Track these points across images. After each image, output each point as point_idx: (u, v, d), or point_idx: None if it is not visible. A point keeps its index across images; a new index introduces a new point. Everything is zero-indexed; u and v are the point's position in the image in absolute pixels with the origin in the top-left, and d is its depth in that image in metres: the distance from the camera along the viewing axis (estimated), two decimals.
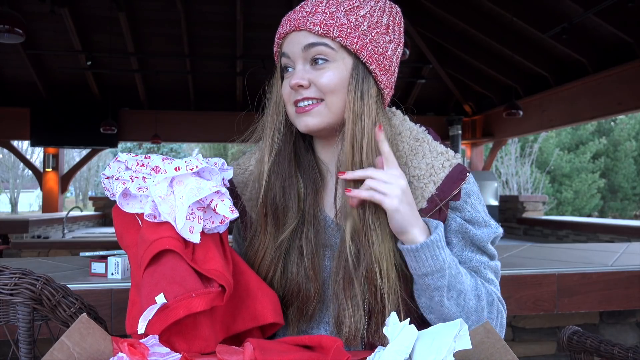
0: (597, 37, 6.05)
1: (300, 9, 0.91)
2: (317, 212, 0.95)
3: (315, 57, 0.88)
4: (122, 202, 0.82)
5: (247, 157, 1.06)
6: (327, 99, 0.89)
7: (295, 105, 0.91)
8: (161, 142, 9.50)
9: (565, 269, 1.79)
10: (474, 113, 9.46)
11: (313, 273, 0.91)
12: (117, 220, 0.87)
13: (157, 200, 0.78)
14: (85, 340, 0.68)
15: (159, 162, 0.83)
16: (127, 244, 0.84)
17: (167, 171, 0.80)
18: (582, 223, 6.45)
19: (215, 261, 0.80)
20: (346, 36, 0.88)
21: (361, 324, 0.87)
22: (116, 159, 0.87)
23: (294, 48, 0.89)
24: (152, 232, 0.78)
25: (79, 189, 28.10)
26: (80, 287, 1.47)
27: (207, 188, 0.80)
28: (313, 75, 0.89)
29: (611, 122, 17.87)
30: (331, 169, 0.98)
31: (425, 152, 0.94)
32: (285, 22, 0.92)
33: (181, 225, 0.78)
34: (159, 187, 0.79)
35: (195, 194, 0.79)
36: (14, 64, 8.18)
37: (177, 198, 0.79)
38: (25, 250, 5.28)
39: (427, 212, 0.89)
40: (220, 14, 7.77)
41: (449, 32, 7.74)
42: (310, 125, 0.90)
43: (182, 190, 0.80)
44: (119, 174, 0.83)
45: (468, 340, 0.63)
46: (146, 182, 0.81)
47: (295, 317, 0.92)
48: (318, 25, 0.87)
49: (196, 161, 0.82)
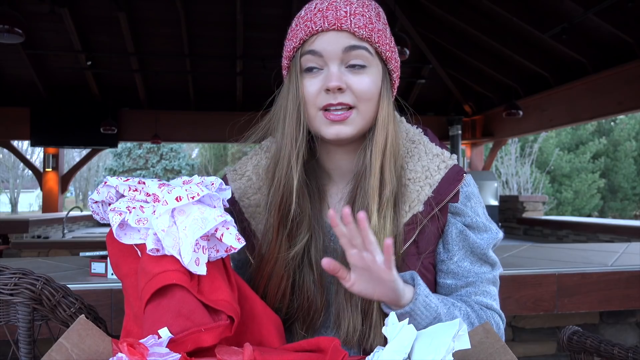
0: (597, 37, 6.05)
1: (333, 7, 0.85)
2: (320, 220, 0.93)
3: (353, 60, 0.85)
4: (120, 234, 0.78)
5: (244, 163, 1.02)
6: (360, 106, 0.86)
7: (325, 109, 0.85)
8: (161, 142, 9.50)
9: (565, 269, 1.79)
10: (474, 113, 9.46)
11: (320, 284, 0.89)
12: (112, 249, 0.83)
13: (160, 235, 0.73)
14: (84, 341, 0.68)
15: (156, 190, 0.78)
16: (125, 272, 0.80)
17: (168, 202, 0.75)
18: (582, 223, 6.45)
19: (222, 291, 0.76)
20: (383, 43, 0.87)
21: (358, 327, 0.86)
22: (105, 184, 0.82)
23: (331, 47, 0.84)
24: (155, 263, 0.74)
25: (79, 189, 28.10)
26: (80, 287, 1.47)
27: (212, 219, 0.75)
28: (351, 79, 0.85)
29: (611, 122, 17.87)
30: (334, 175, 0.96)
31: (421, 154, 0.93)
32: (317, 19, 0.85)
33: (187, 259, 0.73)
34: (160, 219, 0.74)
35: (201, 226, 0.74)
36: (14, 64, 8.18)
37: (180, 229, 0.74)
38: (25, 250, 5.28)
39: (424, 215, 0.88)
40: (220, 14, 7.76)
41: (449, 32, 7.74)
42: (342, 135, 0.86)
43: (185, 220, 0.75)
44: (117, 205, 0.78)
45: (467, 340, 0.63)
46: (144, 212, 0.77)
47: (302, 328, 0.91)
48: (362, 28, 0.84)
49: (196, 188, 0.78)
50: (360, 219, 0.71)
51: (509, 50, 7.02)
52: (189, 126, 9.22)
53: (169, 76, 8.81)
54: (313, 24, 0.85)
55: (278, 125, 0.90)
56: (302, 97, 0.87)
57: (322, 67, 0.86)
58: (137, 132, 9.21)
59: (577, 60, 6.48)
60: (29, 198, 27.72)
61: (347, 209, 0.72)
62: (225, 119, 9.04)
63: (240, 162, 1.03)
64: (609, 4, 5.12)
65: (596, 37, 6.06)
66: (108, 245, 0.83)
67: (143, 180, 0.80)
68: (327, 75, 0.85)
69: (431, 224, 0.90)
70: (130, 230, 0.78)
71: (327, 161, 0.95)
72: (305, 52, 0.86)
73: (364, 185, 0.87)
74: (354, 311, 0.86)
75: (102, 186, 0.83)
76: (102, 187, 0.83)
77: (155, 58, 8.49)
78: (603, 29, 5.73)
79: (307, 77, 0.87)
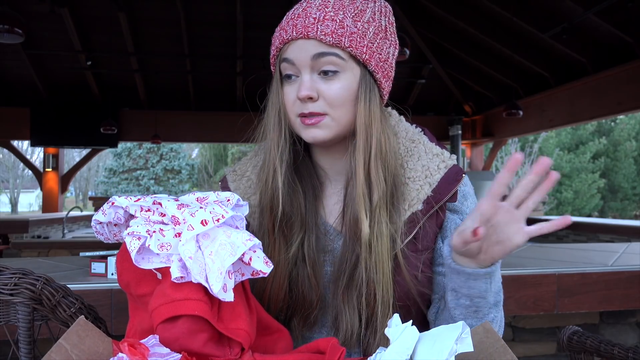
0: (597, 37, 6.05)
1: (304, 13, 0.85)
2: (317, 219, 0.94)
3: (324, 67, 0.85)
4: (138, 259, 0.71)
5: (243, 163, 1.03)
6: (333, 113, 0.86)
7: (300, 117, 0.87)
8: (161, 142, 9.51)
9: (565, 269, 1.79)
10: (474, 113, 9.46)
11: (315, 280, 0.90)
12: (124, 269, 0.76)
13: (188, 263, 0.68)
14: (84, 342, 0.68)
15: (174, 211, 0.72)
16: (145, 292, 0.74)
17: (194, 227, 0.70)
18: (582, 223, 6.45)
19: (242, 318, 0.73)
20: (356, 46, 0.85)
21: (356, 327, 0.87)
22: (112, 204, 0.76)
23: (301, 56, 0.85)
24: (175, 288, 0.69)
25: (79, 189, 28.12)
26: (80, 287, 1.47)
27: (241, 243, 0.71)
28: (322, 86, 0.85)
29: (611, 122, 17.87)
30: (330, 174, 0.97)
31: (420, 153, 0.93)
32: (289, 27, 0.86)
33: (217, 288, 0.68)
34: (187, 246, 0.69)
35: (231, 253, 0.70)
36: (14, 64, 8.19)
37: (206, 254, 0.70)
38: (25, 250, 5.27)
39: (423, 213, 0.89)
40: (220, 14, 7.77)
41: (449, 32, 7.74)
42: (318, 138, 0.87)
43: (210, 245, 0.71)
44: (134, 228, 0.72)
45: (470, 343, 0.63)
46: (165, 236, 0.71)
47: (299, 324, 0.92)
48: (329, 35, 0.83)
49: (219, 209, 0.72)
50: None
51: (509, 50, 7.02)
52: (189, 126, 9.22)
53: (169, 76, 8.82)
54: (284, 32, 0.86)
55: (265, 128, 0.92)
56: (282, 104, 0.89)
57: (298, 75, 0.87)
58: (137, 132, 9.21)
59: (577, 60, 6.49)
60: (29, 198, 27.73)
61: (519, 154, 0.73)
62: (225, 119, 9.09)
63: (240, 162, 1.04)
64: (609, 4, 5.12)
65: (596, 37, 6.06)
66: (118, 264, 0.77)
67: (159, 201, 0.74)
68: (299, 84, 0.86)
69: (430, 222, 0.91)
70: (149, 254, 0.72)
71: (322, 161, 0.96)
72: (282, 60, 0.88)
73: (353, 192, 0.88)
74: (352, 313, 0.87)
75: (108, 207, 0.77)
76: (109, 207, 0.77)
77: (155, 58, 8.49)
78: (603, 29, 5.74)
79: (286, 84, 0.89)
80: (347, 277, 0.87)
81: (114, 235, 0.82)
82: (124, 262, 0.75)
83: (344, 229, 0.91)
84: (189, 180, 22.84)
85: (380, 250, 0.86)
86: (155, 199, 0.74)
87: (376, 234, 0.86)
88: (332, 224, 0.94)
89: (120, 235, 0.82)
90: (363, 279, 0.86)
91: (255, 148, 1.03)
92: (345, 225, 0.90)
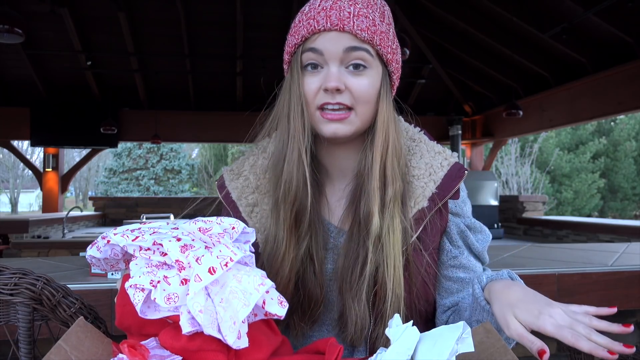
0: (597, 37, 6.05)
1: (337, 7, 0.84)
2: (320, 216, 0.94)
3: (354, 61, 0.85)
4: (144, 310, 0.66)
5: (240, 163, 1.02)
6: (358, 108, 0.86)
7: (321, 108, 0.86)
8: (161, 142, 9.50)
9: (565, 269, 1.78)
10: (474, 113, 9.46)
11: (320, 277, 0.90)
12: (125, 312, 0.70)
13: (199, 318, 0.63)
14: (83, 343, 0.68)
15: (178, 255, 0.66)
16: (148, 333, 0.71)
17: (202, 277, 0.64)
18: (582, 223, 6.44)
19: (261, 350, 0.70)
20: (384, 45, 0.87)
21: (366, 323, 0.87)
22: (108, 242, 0.70)
23: (333, 47, 0.84)
24: (187, 338, 0.66)
25: (79, 189, 28.13)
26: (80, 287, 1.47)
27: (253, 289, 0.66)
28: (351, 80, 0.85)
29: (611, 122, 17.87)
30: (331, 171, 0.96)
31: (422, 151, 0.95)
32: (321, 18, 0.84)
33: (231, 339, 0.64)
34: (196, 299, 0.64)
35: (244, 303, 0.65)
36: (14, 64, 8.18)
37: (217, 302, 0.65)
38: (25, 250, 5.28)
39: (429, 210, 0.90)
40: (220, 14, 7.77)
41: (449, 32, 7.74)
42: (339, 134, 0.86)
43: (221, 292, 0.66)
44: (137, 280, 0.66)
45: (471, 344, 0.63)
46: (171, 285, 0.65)
47: (300, 321, 0.92)
48: (365, 31, 0.84)
49: (227, 250, 0.67)
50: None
51: (509, 50, 7.02)
52: (189, 126, 9.22)
53: (169, 76, 8.81)
54: (316, 22, 0.85)
55: (282, 121, 0.90)
56: (303, 95, 0.87)
57: (322, 65, 0.86)
58: (137, 132, 9.21)
59: (577, 60, 6.48)
60: (29, 198, 27.74)
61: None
62: (225, 119, 9.07)
63: (237, 162, 1.03)
64: (609, 4, 5.12)
65: (596, 37, 6.06)
66: (119, 308, 0.72)
67: (159, 242, 0.68)
68: (326, 74, 0.85)
69: (435, 219, 0.92)
70: (156, 304, 0.67)
71: (326, 158, 0.96)
72: (306, 50, 0.86)
73: (366, 187, 0.88)
74: (362, 308, 0.87)
75: (103, 244, 0.71)
76: (105, 245, 0.71)
77: (155, 58, 8.48)
78: (603, 29, 5.73)
79: (307, 74, 0.87)
80: (355, 272, 0.87)
81: (110, 267, 0.78)
82: (125, 306, 0.69)
83: (350, 225, 0.91)
84: (189, 180, 22.84)
85: (392, 245, 0.86)
86: (155, 239, 0.68)
87: (389, 229, 0.86)
88: (334, 222, 0.95)
89: (117, 266, 0.78)
90: (372, 274, 0.86)
91: (252, 148, 1.03)
92: (354, 221, 0.90)
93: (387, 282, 0.86)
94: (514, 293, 0.76)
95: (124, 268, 0.78)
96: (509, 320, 0.72)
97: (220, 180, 1.03)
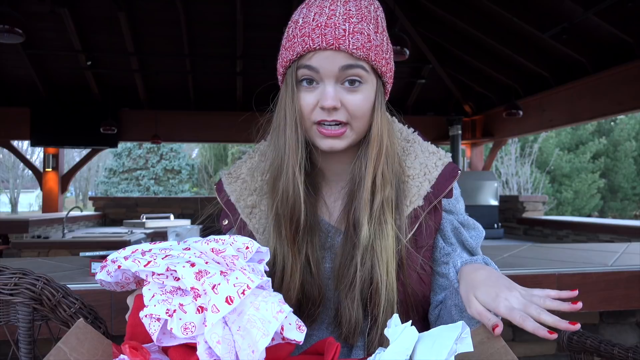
0: (597, 37, 6.05)
1: (332, 23, 0.84)
2: (316, 217, 0.95)
3: (350, 77, 0.85)
4: (160, 338, 0.65)
5: (238, 166, 1.04)
6: (354, 123, 0.87)
7: (318, 124, 0.87)
8: (161, 142, 9.50)
9: (565, 269, 1.79)
10: (474, 113, 9.46)
11: (318, 278, 0.92)
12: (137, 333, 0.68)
13: (217, 349, 0.62)
14: (83, 345, 0.68)
15: (193, 281, 0.64)
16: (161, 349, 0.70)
17: (219, 308, 0.63)
18: (582, 223, 6.44)
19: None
20: (379, 59, 0.87)
21: (360, 321, 0.88)
22: (119, 267, 0.69)
23: (328, 66, 0.84)
24: None
25: (79, 189, 28.12)
26: (80, 287, 1.47)
27: (272, 318, 0.65)
28: (346, 97, 0.86)
29: (611, 122, 17.86)
30: (328, 175, 0.98)
31: (417, 152, 0.97)
32: (316, 36, 0.84)
33: None
34: (214, 330, 0.62)
35: (264, 333, 0.63)
36: (14, 64, 8.18)
37: (234, 330, 0.64)
38: (25, 250, 5.27)
39: (423, 209, 0.92)
40: (220, 14, 7.76)
41: (449, 32, 7.73)
42: (336, 148, 0.88)
43: (238, 320, 0.64)
44: (152, 310, 0.64)
45: (470, 343, 0.63)
46: (187, 313, 0.64)
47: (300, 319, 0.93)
48: (360, 49, 0.84)
49: (244, 277, 0.66)
50: None
51: (509, 50, 7.02)
52: (189, 126, 9.21)
53: (169, 76, 8.81)
54: (311, 40, 0.84)
55: (279, 134, 0.91)
56: (299, 110, 0.88)
57: (318, 82, 0.86)
58: (137, 132, 9.20)
59: (577, 60, 6.48)
60: (29, 198, 27.73)
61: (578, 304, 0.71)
62: (225, 119, 9.07)
63: (235, 165, 1.05)
64: (609, 4, 5.12)
65: (596, 37, 6.06)
66: (130, 328, 0.70)
67: (173, 268, 0.66)
68: (323, 92, 0.85)
69: (430, 218, 0.93)
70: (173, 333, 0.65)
71: (323, 163, 0.97)
72: (301, 66, 0.86)
73: (358, 195, 0.90)
74: (355, 306, 0.88)
75: (114, 269, 0.70)
76: (115, 270, 0.70)
77: (155, 58, 8.48)
78: (603, 29, 5.73)
79: (303, 90, 0.87)
80: (350, 272, 0.89)
81: (121, 287, 0.77)
82: (137, 327, 0.68)
83: (345, 227, 0.93)
84: (189, 180, 22.83)
85: (383, 250, 0.88)
86: (168, 265, 0.66)
87: (378, 236, 0.88)
88: (331, 221, 0.96)
89: (128, 287, 0.77)
90: (367, 274, 0.88)
91: (249, 151, 1.05)
92: (348, 224, 0.92)
93: (380, 283, 0.87)
94: (479, 276, 0.78)
95: (135, 288, 0.77)
96: (470, 300, 0.76)
97: (218, 184, 1.05)
